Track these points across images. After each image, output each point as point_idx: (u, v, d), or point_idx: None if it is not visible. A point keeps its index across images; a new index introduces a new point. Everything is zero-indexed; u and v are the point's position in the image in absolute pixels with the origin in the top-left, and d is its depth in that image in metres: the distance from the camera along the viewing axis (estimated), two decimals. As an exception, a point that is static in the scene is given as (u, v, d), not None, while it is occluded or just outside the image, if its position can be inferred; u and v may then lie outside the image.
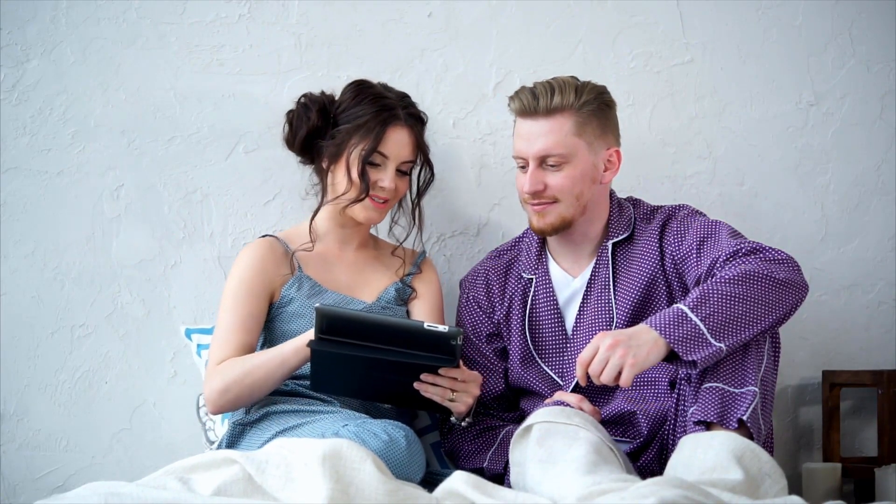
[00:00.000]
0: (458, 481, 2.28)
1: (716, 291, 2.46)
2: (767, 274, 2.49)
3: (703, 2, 3.16)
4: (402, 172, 2.78)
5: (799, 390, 3.19)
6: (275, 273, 2.75)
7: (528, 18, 3.12)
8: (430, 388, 2.48)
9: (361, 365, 2.45)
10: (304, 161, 2.88)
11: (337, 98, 2.82)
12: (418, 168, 2.85)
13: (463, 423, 2.61)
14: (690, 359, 2.42)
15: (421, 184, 2.86)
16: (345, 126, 2.75)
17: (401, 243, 2.88)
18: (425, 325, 2.40)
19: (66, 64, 3.02)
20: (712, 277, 2.52)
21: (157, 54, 3.04)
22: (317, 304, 2.42)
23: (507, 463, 2.61)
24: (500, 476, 2.65)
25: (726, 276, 2.48)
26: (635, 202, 2.81)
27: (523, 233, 2.87)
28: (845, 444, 3.15)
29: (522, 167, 2.71)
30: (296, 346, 2.60)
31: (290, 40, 3.07)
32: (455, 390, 2.48)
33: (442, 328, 2.39)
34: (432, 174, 2.86)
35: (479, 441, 2.74)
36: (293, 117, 2.83)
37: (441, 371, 2.46)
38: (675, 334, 2.42)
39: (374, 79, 3.04)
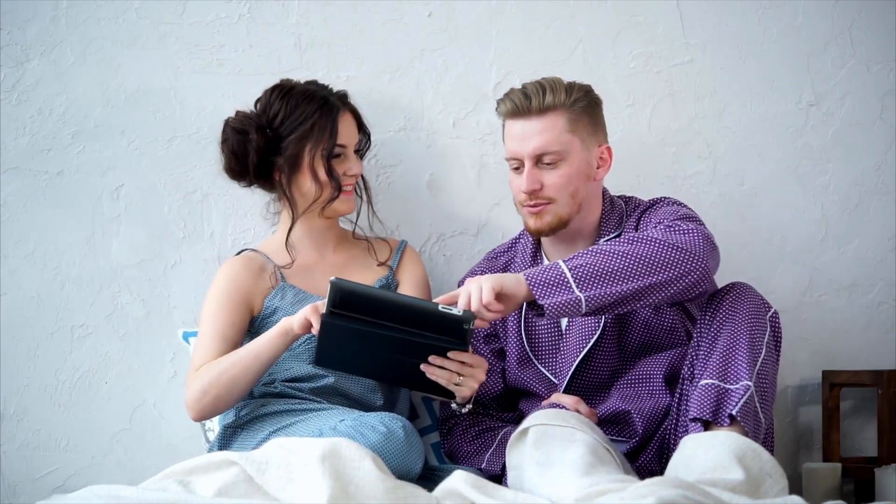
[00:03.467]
0: (459, 481, 2.29)
1: (599, 248, 2.47)
2: (660, 238, 2.49)
3: (703, 2, 3.16)
4: (356, 152, 2.83)
5: (799, 390, 3.19)
6: (252, 286, 2.76)
7: (528, 18, 3.12)
8: (437, 370, 2.47)
9: (370, 342, 2.44)
10: (247, 185, 2.84)
11: (254, 109, 2.80)
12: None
13: (464, 410, 2.60)
14: (544, 302, 2.42)
15: (361, 151, 2.88)
16: (294, 135, 2.74)
17: (351, 220, 2.89)
18: (440, 308, 2.40)
19: (66, 64, 3.03)
20: None
21: (157, 54, 3.04)
22: (332, 278, 2.41)
23: (504, 464, 2.60)
24: (497, 477, 2.64)
25: (621, 239, 2.50)
26: (627, 199, 2.81)
27: (519, 235, 2.87)
28: (845, 444, 3.15)
29: (516, 168, 2.71)
30: (269, 337, 2.60)
31: (290, 40, 3.07)
32: (462, 374, 2.48)
33: (456, 311, 2.39)
34: (368, 139, 2.90)
35: (477, 442, 2.74)
36: (233, 146, 2.78)
37: (450, 354, 2.45)
38: (538, 278, 2.44)
39: (375, 79, 3.06)
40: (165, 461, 2.65)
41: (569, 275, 2.43)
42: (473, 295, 2.41)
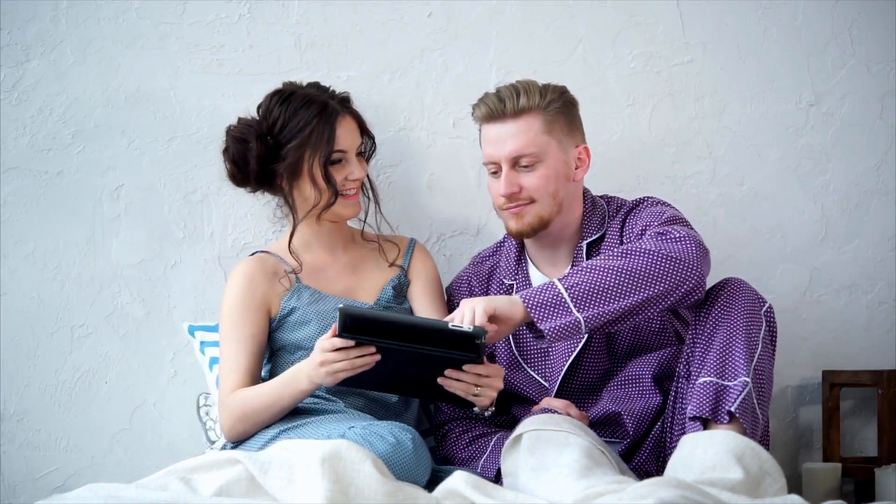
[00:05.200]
0: (459, 481, 2.29)
1: (592, 264, 2.45)
2: (654, 249, 2.46)
3: (703, 2, 3.16)
4: (359, 155, 2.80)
5: (799, 390, 3.19)
6: (268, 288, 2.75)
7: (528, 18, 3.12)
8: (455, 383, 2.43)
9: (384, 362, 2.42)
10: (252, 190, 2.83)
11: (255, 115, 2.79)
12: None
13: (486, 414, 2.59)
14: (544, 326, 2.40)
15: (365, 154, 2.84)
16: (293, 143, 2.72)
17: (360, 219, 2.85)
18: (450, 326, 2.37)
19: (66, 64, 3.03)
20: None
21: (157, 54, 3.05)
22: (340, 305, 2.39)
23: (498, 470, 2.60)
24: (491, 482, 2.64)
25: (613, 252, 2.48)
26: (609, 199, 2.80)
27: (503, 238, 2.87)
28: (845, 444, 3.15)
29: (494, 173, 2.71)
30: (296, 391, 2.58)
31: (290, 40, 3.07)
32: (479, 385, 2.45)
33: (467, 328, 2.36)
34: (373, 143, 2.86)
35: (471, 448, 2.74)
36: (234, 155, 2.77)
37: (465, 367, 2.42)
38: (535, 299, 2.41)
39: (375, 79, 3.05)
40: (165, 461, 2.65)
41: (566, 294, 2.41)
42: (466, 318, 2.39)
